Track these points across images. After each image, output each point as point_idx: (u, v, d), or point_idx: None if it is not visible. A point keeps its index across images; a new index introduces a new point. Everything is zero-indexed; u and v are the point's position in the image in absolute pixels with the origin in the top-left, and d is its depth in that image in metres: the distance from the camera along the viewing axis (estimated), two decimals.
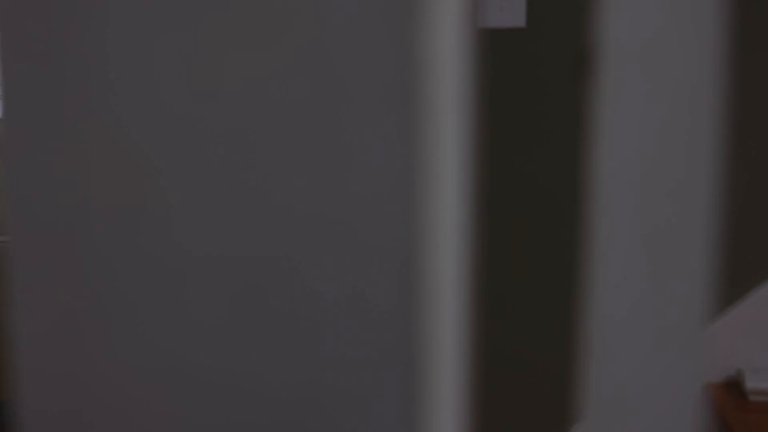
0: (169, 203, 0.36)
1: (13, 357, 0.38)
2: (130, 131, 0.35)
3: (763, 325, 2.01)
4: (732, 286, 2.03)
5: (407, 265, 0.34)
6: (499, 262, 2.10)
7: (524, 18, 2.01)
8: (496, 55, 2.05)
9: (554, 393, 2.12)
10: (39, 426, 0.38)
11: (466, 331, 0.38)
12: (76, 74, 0.36)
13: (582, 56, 1.96)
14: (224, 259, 0.36)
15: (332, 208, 0.35)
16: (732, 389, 1.98)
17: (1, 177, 0.39)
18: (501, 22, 2.01)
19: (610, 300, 0.39)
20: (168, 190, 0.36)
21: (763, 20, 1.94)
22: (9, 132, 0.37)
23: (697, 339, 0.40)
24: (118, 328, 0.36)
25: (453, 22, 0.35)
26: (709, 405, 1.91)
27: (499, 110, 2.08)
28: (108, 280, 0.36)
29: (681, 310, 0.39)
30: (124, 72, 0.36)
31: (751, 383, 1.92)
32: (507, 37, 2.03)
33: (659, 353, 0.39)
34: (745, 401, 1.92)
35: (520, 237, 2.08)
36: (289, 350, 0.36)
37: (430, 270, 0.34)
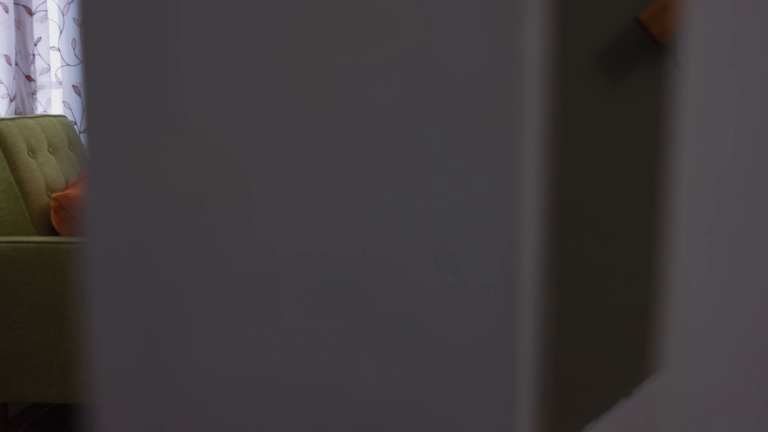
0: (261, 205, 0.35)
1: (87, 361, 0.37)
2: (218, 133, 0.35)
3: None
4: None
5: (506, 261, 0.34)
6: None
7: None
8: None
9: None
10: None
11: (545, 334, 0.37)
12: (166, 77, 0.35)
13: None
14: (317, 259, 0.35)
15: (431, 205, 0.35)
16: None
17: (84, 184, 0.38)
18: None
19: (691, 304, 0.38)
20: (260, 191, 0.35)
21: None
22: (92, 138, 0.36)
23: None
24: (198, 337, 0.35)
25: (543, 25, 0.35)
26: None
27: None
28: (188, 286, 0.35)
29: (763, 312, 0.38)
30: (214, 74, 0.35)
31: None
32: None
33: (743, 362, 0.38)
34: None
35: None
36: (388, 349, 0.35)
37: (524, 264, 0.34)
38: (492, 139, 0.34)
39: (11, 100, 2.91)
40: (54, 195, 2.64)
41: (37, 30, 2.99)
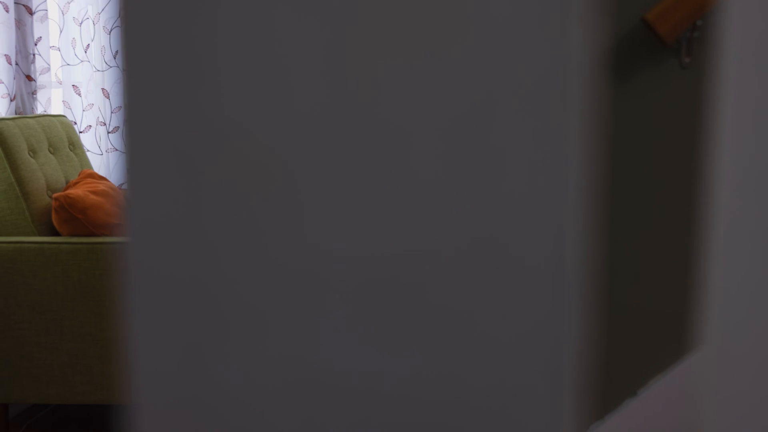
0: (308, 204, 0.35)
1: (126, 364, 0.36)
2: (265, 133, 0.34)
3: None
4: None
5: (556, 251, 0.33)
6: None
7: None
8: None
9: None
10: None
11: (592, 330, 0.37)
12: (211, 77, 0.34)
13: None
14: (364, 256, 0.35)
15: (484, 204, 0.34)
16: None
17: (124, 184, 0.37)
18: None
19: (730, 300, 0.38)
20: (307, 190, 0.34)
21: None
22: (133, 140, 0.35)
23: None
24: (241, 338, 0.34)
25: (593, 26, 0.34)
26: None
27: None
28: (232, 287, 0.34)
29: None
30: (262, 74, 0.35)
31: None
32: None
33: None
34: None
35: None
36: (438, 344, 0.35)
37: (574, 264, 0.33)
38: (542, 133, 0.34)
39: (11, 100, 2.90)
40: (55, 195, 2.63)
41: (38, 29, 2.98)
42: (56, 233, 2.72)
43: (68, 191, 2.64)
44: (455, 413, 0.36)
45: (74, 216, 2.61)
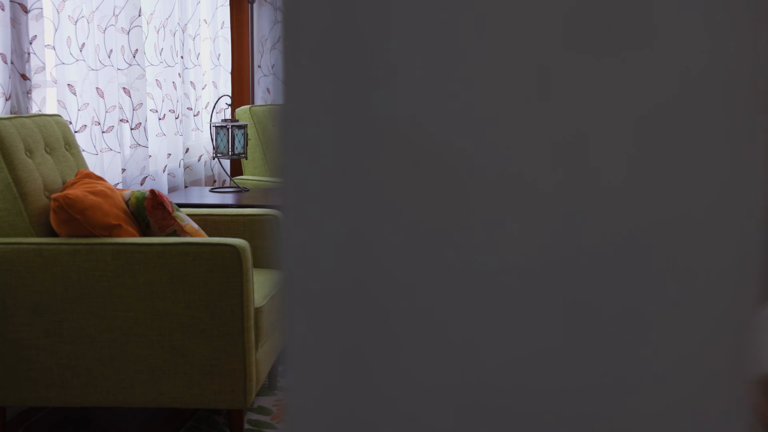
0: (484, 212, 0.33)
1: (285, 378, 0.35)
2: (446, 133, 0.32)
3: None
4: None
5: (740, 274, 0.32)
6: None
7: None
8: None
9: None
10: None
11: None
12: (389, 74, 0.33)
13: None
14: (540, 270, 0.33)
15: (663, 215, 0.33)
16: None
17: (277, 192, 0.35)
18: None
19: None
20: (484, 196, 0.33)
21: None
22: (290, 141, 0.34)
23: None
24: (410, 354, 0.32)
25: None
26: None
27: None
28: (402, 300, 0.32)
29: None
30: (440, 71, 0.33)
31: None
32: None
33: None
34: None
35: None
36: (618, 365, 0.33)
37: (756, 275, 0.32)
38: (733, 135, 0.33)
39: (6, 99, 2.87)
40: (54, 196, 2.60)
41: (33, 28, 2.95)
42: (54, 234, 2.69)
43: (67, 191, 2.62)
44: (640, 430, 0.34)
45: (73, 216, 2.58)
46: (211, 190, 4.01)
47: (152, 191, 2.80)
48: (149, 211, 2.79)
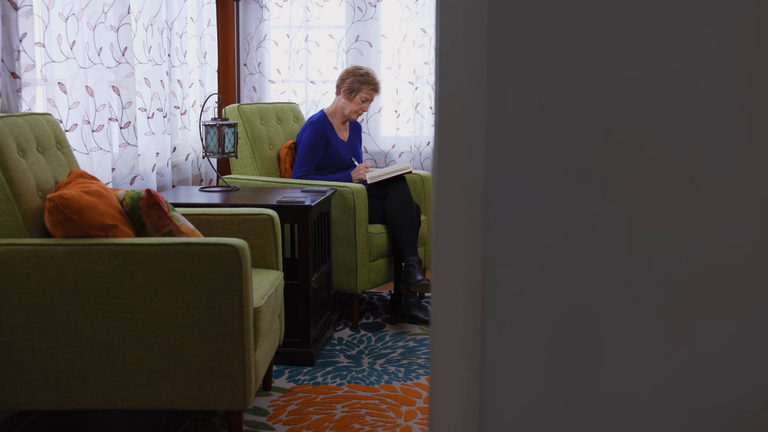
0: (697, 209, 0.32)
1: (486, 384, 0.33)
2: (663, 133, 0.31)
3: None
4: None
5: None
6: None
7: None
8: None
9: None
10: None
11: None
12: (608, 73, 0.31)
13: None
14: (747, 266, 0.32)
15: None
16: None
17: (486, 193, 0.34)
18: None
19: None
20: (694, 194, 0.32)
21: None
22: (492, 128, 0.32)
23: None
24: (614, 359, 0.31)
25: None
26: None
27: None
28: (608, 300, 0.31)
29: None
30: (653, 71, 0.32)
31: None
32: None
33: None
34: None
35: None
36: None
37: None
38: None
39: None
40: (49, 196, 2.56)
41: (23, 25, 2.90)
42: (48, 235, 2.65)
43: (62, 192, 2.57)
44: None
45: (69, 217, 2.54)
46: (201, 190, 3.98)
47: (148, 191, 2.76)
48: (145, 211, 2.75)
